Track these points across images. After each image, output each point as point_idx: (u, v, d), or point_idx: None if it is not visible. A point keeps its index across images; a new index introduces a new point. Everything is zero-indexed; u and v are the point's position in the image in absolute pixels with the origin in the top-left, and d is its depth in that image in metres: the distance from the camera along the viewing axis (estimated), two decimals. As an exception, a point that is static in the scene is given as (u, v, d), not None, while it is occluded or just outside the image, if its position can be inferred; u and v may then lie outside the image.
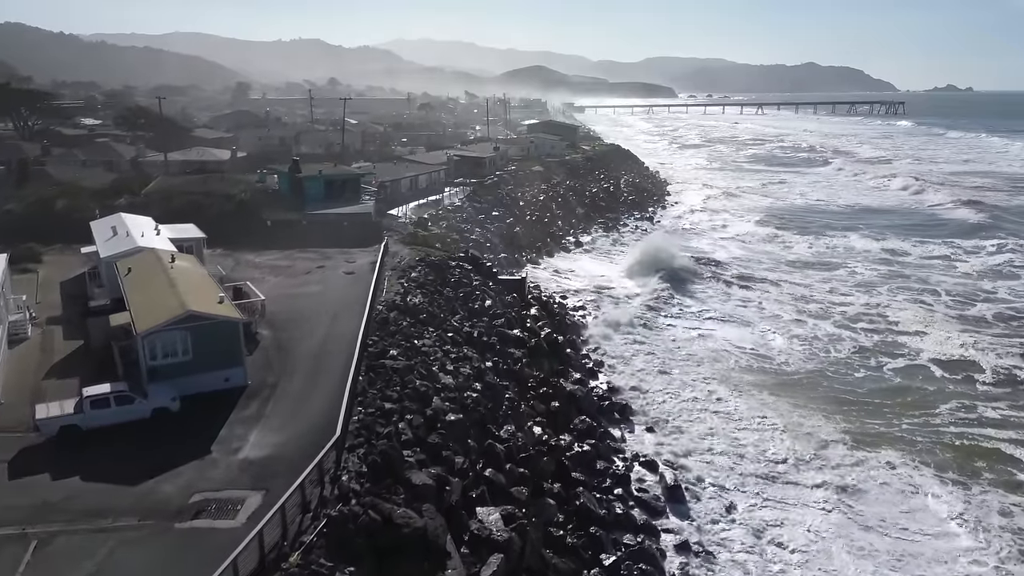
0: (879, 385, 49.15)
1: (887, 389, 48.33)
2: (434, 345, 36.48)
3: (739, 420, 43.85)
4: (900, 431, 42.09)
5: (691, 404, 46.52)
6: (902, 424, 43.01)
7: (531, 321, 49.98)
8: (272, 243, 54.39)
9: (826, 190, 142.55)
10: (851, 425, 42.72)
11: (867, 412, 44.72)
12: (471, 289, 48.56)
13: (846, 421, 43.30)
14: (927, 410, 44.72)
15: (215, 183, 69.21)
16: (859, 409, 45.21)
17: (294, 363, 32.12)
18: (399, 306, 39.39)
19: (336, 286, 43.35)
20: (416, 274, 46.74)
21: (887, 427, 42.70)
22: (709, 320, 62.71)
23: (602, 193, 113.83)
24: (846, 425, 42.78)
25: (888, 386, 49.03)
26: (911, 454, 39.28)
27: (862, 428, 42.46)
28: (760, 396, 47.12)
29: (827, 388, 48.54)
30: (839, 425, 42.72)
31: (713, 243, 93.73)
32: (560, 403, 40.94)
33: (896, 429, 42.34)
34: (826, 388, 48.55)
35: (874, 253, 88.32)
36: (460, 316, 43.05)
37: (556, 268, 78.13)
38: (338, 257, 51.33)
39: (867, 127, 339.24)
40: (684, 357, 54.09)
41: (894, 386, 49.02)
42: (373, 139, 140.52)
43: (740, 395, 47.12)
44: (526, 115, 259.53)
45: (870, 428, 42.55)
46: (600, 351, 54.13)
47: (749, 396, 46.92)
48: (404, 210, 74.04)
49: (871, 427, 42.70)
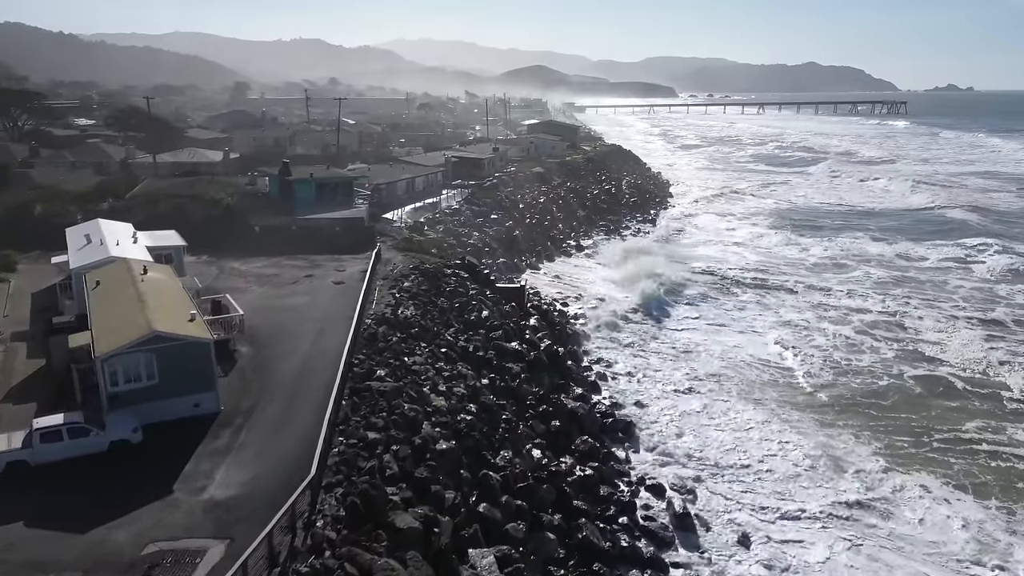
0: (902, 397, 46.67)
1: (911, 402, 45.85)
2: (426, 363, 34.02)
3: (754, 437, 41.41)
4: (931, 450, 39.59)
5: (701, 419, 44.08)
6: (932, 442, 40.49)
7: (530, 332, 47.50)
8: (260, 250, 51.92)
9: (829, 191, 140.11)
10: (879, 444, 40.24)
11: (894, 428, 42.26)
12: (467, 299, 46.10)
13: (874, 439, 40.83)
14: (955, 426, 42.23)
15: (203, 186, 66.74)
16: (886, 425, 42.77)
17: (273, 385, 29.66)
18: (389, 319, 36.92)
19: (324, 297, 40.88)
20: (409, 283, 44.28)
21: (916, 445, 40.19)
22: (720, 329, 60.18)
23: (603, 195, 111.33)
24: (875, 444, 40.31)
25: (911, 398, 46.58)
26: (946, 477, 36.79)
27: (890, 446, 39.98)
28: (777, 410, 44.70)
29: (850, 401, 46.08)
30: (866, 444, 40.31)
31: (720, 248, 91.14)
32: (561, 422, 38.46)
33: (927, 448, 39.82)
34: (848, 402, 46.09)
35: (887, 257, 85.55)
36: (455, 329, 40.57)
37: (556, 273, 75.65)
38: (328, 265, 48.87)
39: (868, 127, 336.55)
40: (693, 369, 51.57)
41: (917, 398, 46.59)
42: (371, 140, 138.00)
43: (755, 409, 44.72)
44: (526, 115, 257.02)
45: (898, 446, 40.09)
46: (603, 363, 51.64)
47: (765, 410, 44.49)
48: (400, 214, 71.61)
49: (899, 445, 40.23)
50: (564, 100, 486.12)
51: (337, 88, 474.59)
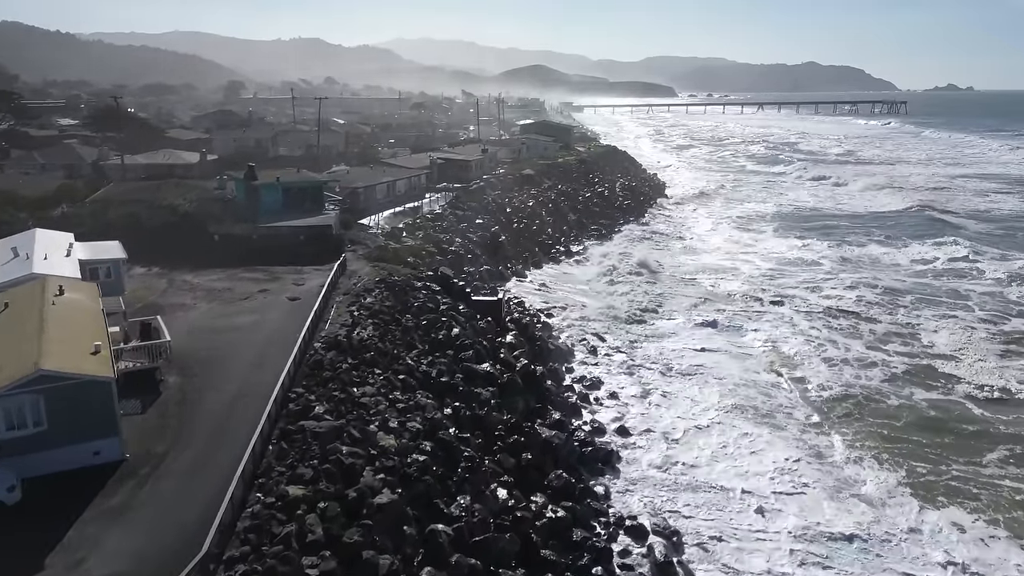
0: (915, 419, 43.14)
1: (925, 426, 42.27)
2: (378, 393, 30.37)
3: (754, 465, 37.88)
4: (952, 479, 36.16)
5: (693, 443, 40.59)
6: (951, 470, 36.99)
7: (506, 351, 43.81)
8: (217, 260, 48.28)
9: (830, 193, 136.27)
10: (897, 472, 36.78)
11: (907, 452, 38.87)
12: (436, 315, 42.40)
13: (892, 464, 37.40)
14: (973, 457, 38.60)
15: (168, 190, 63.17)
16: (900, 448, 39.37)
17: (196, 424, 26.03)
18: (341, 343, 33.25)
19: (274, 316, 37.23)
20: (372, 299, 40.60)
21: (935, 474, 36.68)
22: (717, 342, 56.39)
23: (596, 198, 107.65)
24: (890, 471, 36.84)
25: (924, 421, 43.01)
26: (976, 512, 33.31)
27: (909, 474, 36.46)
28: (781, 434, 41.15)
29: (861, 423, 42.58)
30: (879, 471, 36.84)
31: (721, 255, 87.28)
32: (533, 454, 34.79)
33: (946, 477, 36.31)
34: (860, 422, 42.60)
35: (904, 265, 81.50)
36: (418, 351, 36.89)
37: (543, 281, 72.03)
38: (287, 277, 45.22)
39: (868, 128, 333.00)
40: (685, 388, 48.04)
41: (930, 422, 42.98)
42: (359, 140, 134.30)
43: (757, 433, 41.20)
44: (523, 115, 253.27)
45: (918, 472, 36.65)
46: (586, 381, 47.95)
47: (767, 434, 40.95)
48: (377, 219, 67.95)
49: (918, 472, 36.77)
50: (562, 100, 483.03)
51: (333, 87, 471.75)
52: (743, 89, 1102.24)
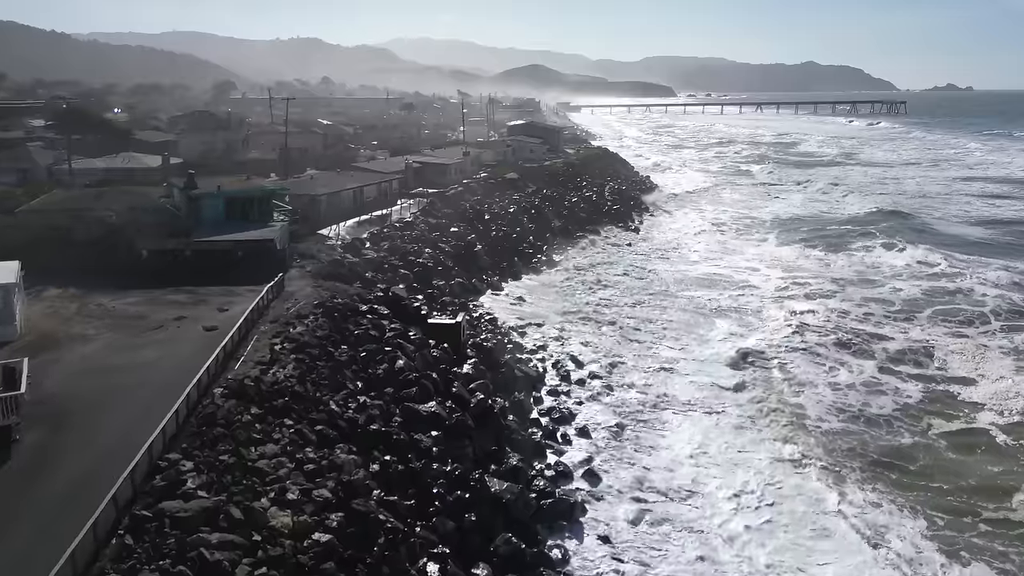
0: (933, 460, 37.96)
1: (945, 468, 37.06)
2: (283, 453, 25.33)
3: (752, 516, 32.93)
4: (980, 536, 31.03)
5: (674, 490, 35.70)
6: (978, 525, 31.88)
7: (461, 384, 38.74)
8: (143, 280, 43.21)
9: (826, 196, 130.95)
10: (920, 522, 31.87)
11: (929, 501, 33.80)
12: (379, 345, 37.32)
13: (911, 514, 32.44)
14: (1002, 503, 33.54)
15: (110, 198, 58.09)
16: (917, 495, 34.42)
17: (40, 500, 21.02)
18: (247, 388, 28.15)
19: (181, 351, 32.10)
20: (302, 328, 35.54)
21: (960, 528, 31.59)
22: (712, 365, 51.45)
23: (583, 203, 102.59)
24: (913, 522, 31.85)
25: (945, 463, 37.80)
26: None
27: (933, 529, 31.43)
28: (778, 476, 36.26)
29: (870, 460, 37.73)
30: (901, 522, 31.84)
31: (715, 261, 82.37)
32: (480, 514, 29.84)
33: (973, 533, 31.22)
34: (869, 460, 37.75)
35: (913, 268, 76.56)
36: (347, 392, 31.79)
37: (521, 295, 67.10)
38: (214, 301, 40.14)
39: (869, 130, 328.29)
40: (671, 420, 43.25)
41: (952, 464, 37.75)
42: (340, 142, 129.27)
43: (753, 472, 36.49)
44: (517, 115, 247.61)
45: (938, 525, 31.70)
46: (555, 414, 42.86)
47: (764, 473, 36.30)
48: (338, 229, 63.03)
49: (937, 524, 31.78)
50: (559, 100, 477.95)
51: (329, 87, 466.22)
52: (742, 89, 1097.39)
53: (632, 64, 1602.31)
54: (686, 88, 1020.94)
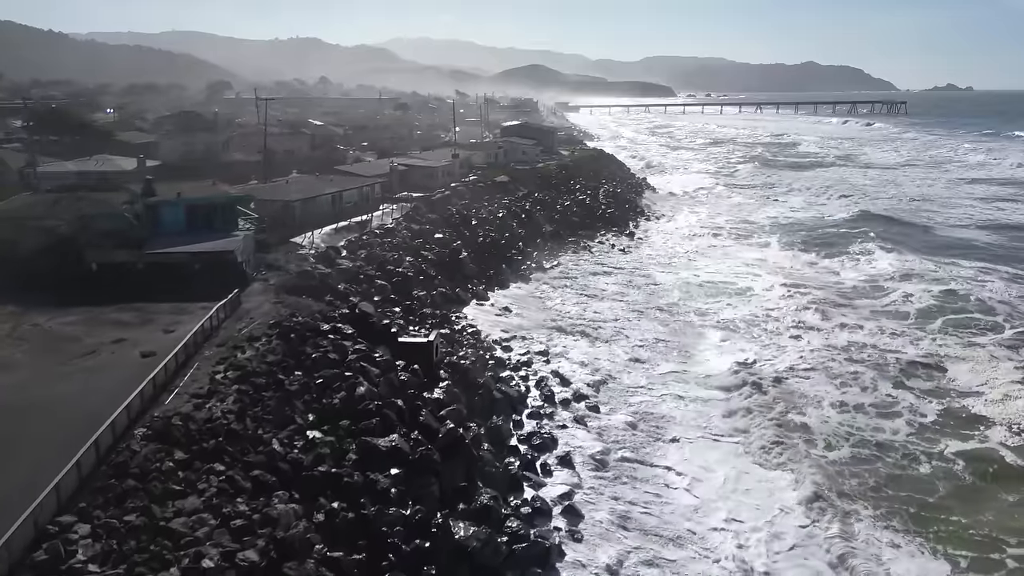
0: (952, 487, 35.02)
1: (963, 497, 34.09)
2: (207, 507, 21.97)
3: (753, 561, 29.72)
4: None
5: (664, 525, 32.56)
6: (1006, 561, 28.96)
7: (429, 411, 35.34)
8: (89, 296, 39.81)
9: (828, 199, 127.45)
10: (943, 565, 28.95)
11: (950, 538, 30.82)
12: (339, 370, 33.91)
13: (932, 555, 29.51)
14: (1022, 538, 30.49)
15: (69, 205, 54.66)
16: (937, 531, 31.41)
17: None
18: (174, 428, 24.75)
19: (108, 383, 28.63)
20: (252, 353, 32.13)
21: (985, 569, 28.71)
22: (714, 382, 48.09)
23: (576, 206, 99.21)
24: (935, 565, 28.91)
25: (963, 489, 34.89)
26: None
27: (957, 573, 28.54)
28: (783, 508, 33.12)
29: (884, 494, 34.42)
30: (925, 567, 28.84)
31: (718, 267, 78.83)
32: (439, 567, 26.55)
33: (1000, 574, 28.28)
34: (884, 494, 34.41)
35: (919, 276, 72.60)
36: (294, 428, 28.39)
37: (507, 305, 63.80)
38: (162, 319, 36.77)
39: (867, 131, 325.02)
40: (663, 447, 40.05)
41: (970, 489, 34.84)
42: (328, 143, 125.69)
43: (751, 506, 33.17)
44: (514, 115, 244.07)
45: (961, 568, 28.83)
46: (535, 439, 39.51)
47: (771, 505, 33.15)
48: (312, 237, 59.67)
49: (960, 567, 28.86)
50: (557, 100, 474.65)
51: (327, 87, 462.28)
52: (742, 89, 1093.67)
53: (632, 64, 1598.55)
54: (686, 88, 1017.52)
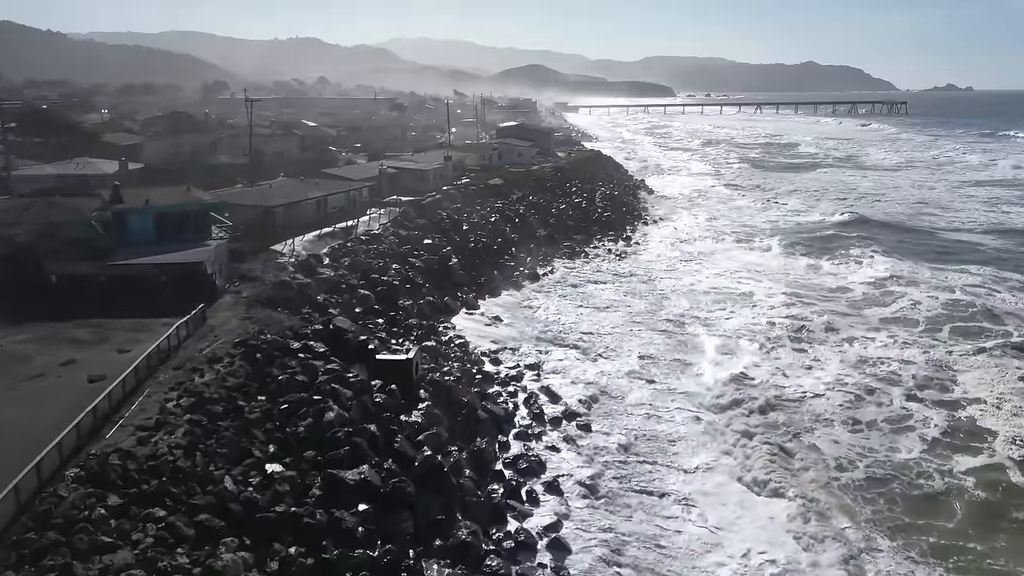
0: (967, 509, 33.19)
1: (979, 520, 32.37)
2: (141, 560, 19.53)
3: None
4: None
5: (657, 560, 30.30)
6: None
7: (406, 437, 32.89)
8: (46, 310, 37.38)
9: (829, 201, 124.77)
10: None
11: (968, 568, 29.20)
12: (308, 394, 31.41)
13: None
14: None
15: (37, 211, 52.28)
16: (957, 561, 29.69)
17: None
18: (111, 470, 22.26)
19: (49, 412, 26.08)
20: (211, 376, 29.67)
21: None
22: (715, 397, 45.68)
23: (572, 210, 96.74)
24: None
25: (976, 510, 33.08)
26: None
27: None
28: (791, 541, 30.92)
29: (899, 522, 32.38)
30: None
31: (714, 273, 76.16)
32: (408, 616, 24.17)
33: None
34: (898, 522, 32.38)
35: (925, 283, 70.25)
36: (252, 462, 25.93)
37: (497, 314, 61.43)
38: (120, 337, 34.29)
39: (865, 131, 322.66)
40: (653, 461, 37.84)
41: (984, 511, 33.05)
42: (320, 145, 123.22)
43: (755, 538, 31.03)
44: (512, 116, 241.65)
45: None
46: (522, 463, 37.13)
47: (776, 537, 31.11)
48: (294, 244, 57.23)
49: None
50: (556, 100, 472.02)
51: (326, 87, 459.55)
52: (742, 89, 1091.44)
53: (632, 64, 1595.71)
54: (686, 88, 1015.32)
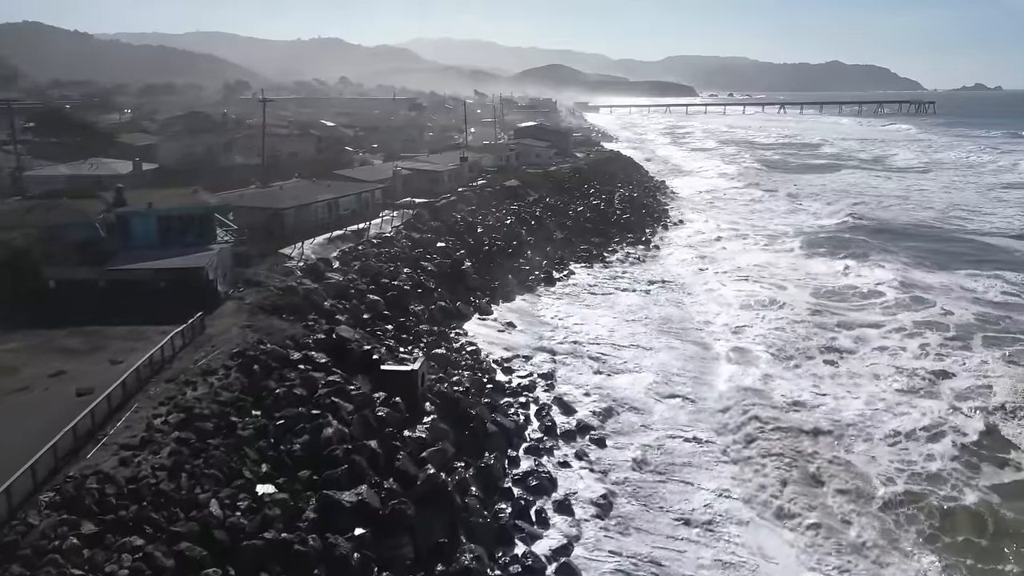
0: (1001, 517, 31.99)
1: (1012, 530, 31.18)
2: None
3: None
4: None
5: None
6: None
7: (408, 454, 31.36)
8: (42, 316, 36.35)
9: (854, 203, 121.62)
10: None
11: None
12: (306, 408, 29.95)
13: None
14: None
15: (41, 213, 51.45)
16: None
17: None
18: (86, 495, 20.87)
19: (30, 429, 24.86)
20: (204, 389, 28.29)
21: None
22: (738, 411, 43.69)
23: (589, 211, 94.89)
24: None
25: (1011, 523, 31.74)
26: None
27: None
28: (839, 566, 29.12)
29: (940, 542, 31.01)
30: None
31: (738, 278, 73.82)
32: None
33: None
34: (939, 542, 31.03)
35: (955, 290, 68.12)
36: (242, 484, 24.52)
37: (511, 320, 59.76)
38: (114, 347, 33.07)
39: (891, 131, 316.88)
40: (670, 478, 36.35)
41: (1014, 524, 31.58)
42: (336, 145, 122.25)
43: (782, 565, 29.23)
44: (531, 116, 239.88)
45: None
46: (531, 480, 35.49)
47: None
48: (303, 248, 55.93)
49: None
50: (576, 99, 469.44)
51: (348, 87, 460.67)
52: (765, 88, 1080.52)
53: (653, 64, 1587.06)
54: (708, 88, 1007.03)
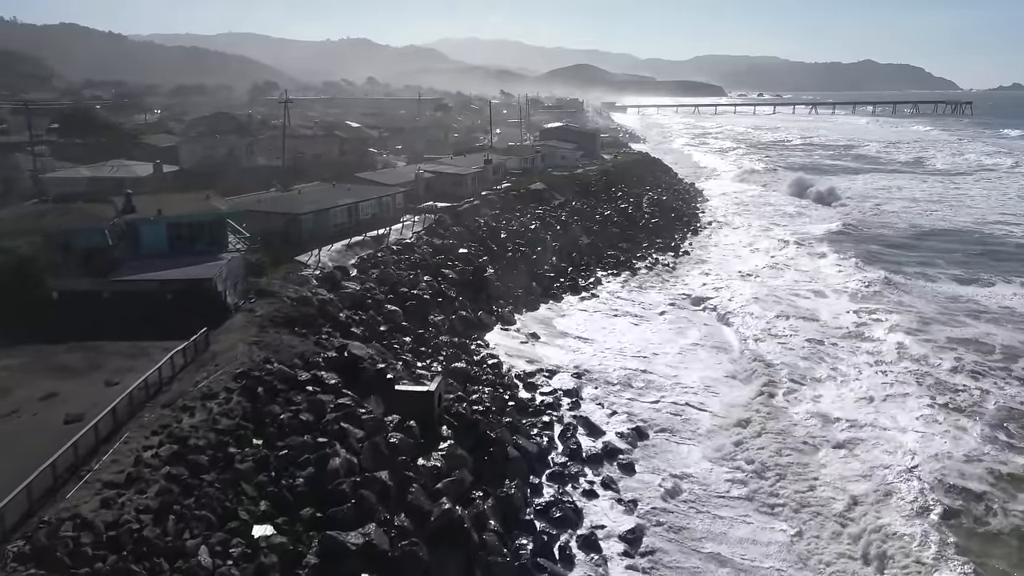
0: None
1: None
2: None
3: None
4: None
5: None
6: None
7: (422, 485, 29.05)
8: (43, 329, 34.63)
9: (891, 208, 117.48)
10: None
11: None
12: (312, 437, 27.77)
13: None
14: None
15: (54, 218, 49.99)
16: None
17: None
18: (57, 545, 18.83)
19: (10, 462, 22.93)
20: (203, 416, 26.20)
21: None
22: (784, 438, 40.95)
23: (617, 216, 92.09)
24: None
25: None
26: None
27: None
28: None
29: None
30: None
31: (772, 286, 70.63)
32: None
33: None
34: None
35: (1000, 305, 64.95)
36: (236, 526, 22.36)
37: (535, 330, 57.52)
38: (113, 364, 31.20)
39: (932, 133, 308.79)
40: (706, 511, 33.90)
41: None
42: (361, 147, 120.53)
43: None
44: (557, 116, 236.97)
45: None
46: (555, 512, 33.12)
47: None
48: (320, 255, 53.97)
49: None
50: (604, 99, 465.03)
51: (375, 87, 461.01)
52: (796, 88, 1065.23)
53: (682, 63, 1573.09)
54: (737, 87, 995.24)
